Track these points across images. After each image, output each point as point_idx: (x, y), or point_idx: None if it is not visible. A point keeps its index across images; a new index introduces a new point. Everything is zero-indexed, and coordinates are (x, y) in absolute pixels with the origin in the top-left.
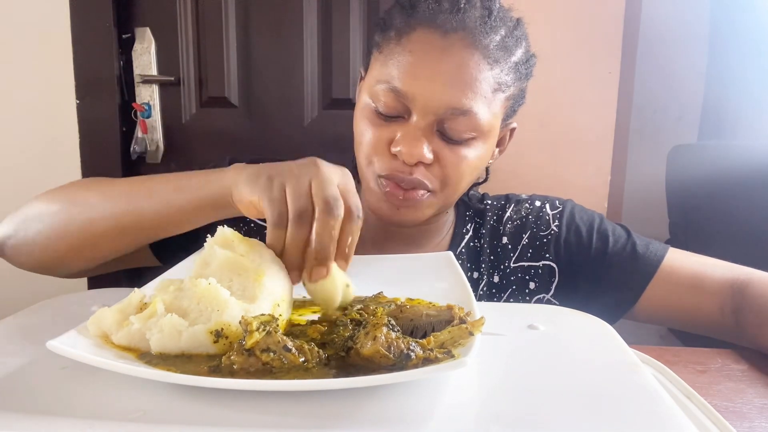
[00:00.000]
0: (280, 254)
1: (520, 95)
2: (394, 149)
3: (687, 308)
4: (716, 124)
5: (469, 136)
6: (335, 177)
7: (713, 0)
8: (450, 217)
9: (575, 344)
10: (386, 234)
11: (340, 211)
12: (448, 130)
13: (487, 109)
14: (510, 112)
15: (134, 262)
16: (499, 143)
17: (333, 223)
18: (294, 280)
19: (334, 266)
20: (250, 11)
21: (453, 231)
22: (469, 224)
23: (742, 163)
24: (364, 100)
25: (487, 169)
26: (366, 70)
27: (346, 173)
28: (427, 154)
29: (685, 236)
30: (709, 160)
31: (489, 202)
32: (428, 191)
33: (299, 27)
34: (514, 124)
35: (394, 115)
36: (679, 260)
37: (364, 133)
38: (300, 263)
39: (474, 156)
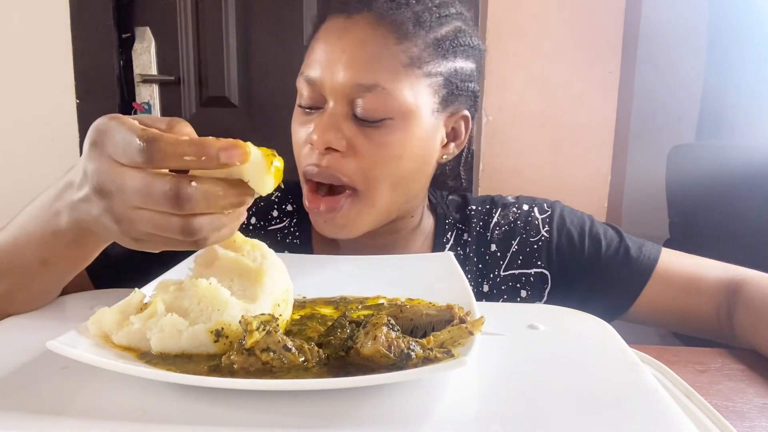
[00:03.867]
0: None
1: (454, 77)
2: (310, 140)
3: (682, 310)
4: (714, 124)
5: (384, 116)
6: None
7: (712, 1)
8: (427, 225)
9: (575, 344)
10: (357, 246)
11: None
12: (362, 113)
13: (399, 85)
14: (447, 96)
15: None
16: (454, 136)
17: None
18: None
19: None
20: (250, 11)
21: (432, 240)
22: (450, 232)
23: (742, 163)
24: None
25: (459, 174)
26: None
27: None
28: (337, 140)
29: (685, 236)
30: (709, 160)
31: (473, 207)
32: (350, 190)
33: (299, 27)
34: (466, 112)
35: (314, 107)
36: (673, 262)
37: (293, 134)
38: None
39: (394, 141)
